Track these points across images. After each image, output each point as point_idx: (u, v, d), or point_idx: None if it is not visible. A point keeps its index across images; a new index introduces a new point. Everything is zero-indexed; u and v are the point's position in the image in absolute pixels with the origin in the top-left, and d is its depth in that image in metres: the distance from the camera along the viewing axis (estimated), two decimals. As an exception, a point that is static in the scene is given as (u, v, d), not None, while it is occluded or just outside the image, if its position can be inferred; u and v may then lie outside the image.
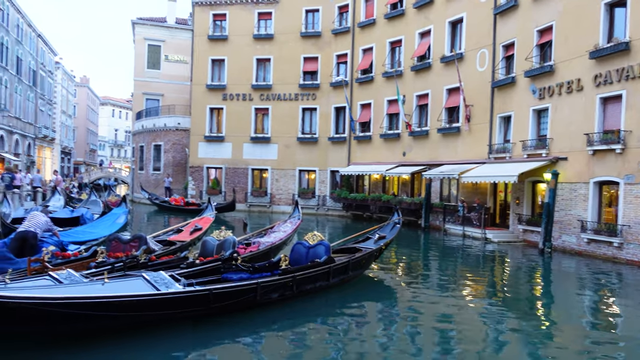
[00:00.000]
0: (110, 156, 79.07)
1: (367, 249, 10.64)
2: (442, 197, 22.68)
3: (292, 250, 9.48)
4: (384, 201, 24.43)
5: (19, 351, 5.86)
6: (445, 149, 22.30)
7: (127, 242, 9.34)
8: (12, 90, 32.18)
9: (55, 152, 47.95)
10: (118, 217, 13.24)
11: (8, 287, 5.71)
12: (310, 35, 29.13)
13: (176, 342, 6.52)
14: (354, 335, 7.29)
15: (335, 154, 28.75)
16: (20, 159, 34.03)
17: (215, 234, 9.81)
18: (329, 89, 28.82)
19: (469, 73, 20.97)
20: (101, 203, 18.25)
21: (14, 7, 32.31)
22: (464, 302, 9.59)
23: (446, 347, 6.89)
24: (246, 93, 30.01)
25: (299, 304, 8.35)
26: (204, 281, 7.67)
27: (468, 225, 19.61)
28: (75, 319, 5.81)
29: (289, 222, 12.70)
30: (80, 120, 63.35)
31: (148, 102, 37.29)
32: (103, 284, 6.24)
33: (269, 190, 29.89)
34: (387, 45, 25.77)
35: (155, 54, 37.38)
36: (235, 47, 30.08)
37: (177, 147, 33.15)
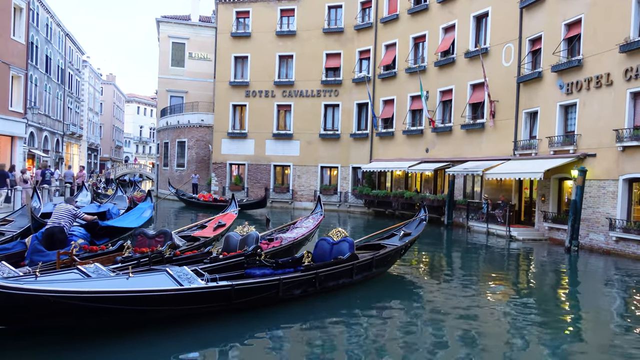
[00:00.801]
0: (136, 152, 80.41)
1: (391, 245, 10.54)
2: (466, 194, 22.42)
3: (316, 247, 9.48)
4: (407, 198, 24.28)
5: (49, 344, 6.00)
6: (469, 145, 22.02)
7: (152, 237, 9.49)
8: (42, 88, 32.97)
9: (82, 148, 48.99)
10: (144, 211, 13.46)
11: (38, 281, 5.86)
12: (333, 31, 29.07)
13: (199, 337, 6.58)
14: (377, 333, 7.27)
15: (358, 151, 28.67)
16: (49, 155, 34.89)
17: (239, 229, 9.89)
18: (351, 85, 28.73)
19: (494, 68, 20.64)
20: (127, 198, 18.57)
21: (44, 7, 33.05)
22: (488, 300, 9.48)
23: (470, 346, 6.81)
24: (269, 90, 30.15)
25: (322, 300, 8.34)
26: (227, 276, 7.74)
27: (492, 223, 19.35)
28: (100, 313, 5.93)
29: (311, 218, 12.70)
30: (107, 117, 64.53)
31: (172, 99, 37.78)
32: (128, 279, 6.34)
33: (290, 187, 30.00)
34: (411, 41, 25.55)
35: (180, 51, 37.83)
36: (258, 44, 30.22)
37: (201, 143, 33.52)
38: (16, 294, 5.26)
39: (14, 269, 6.83)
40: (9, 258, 8.29)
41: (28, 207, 11.22)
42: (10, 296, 5.22)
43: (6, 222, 12.33)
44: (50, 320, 5.85)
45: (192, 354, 6.16)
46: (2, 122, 22.22)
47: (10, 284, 5.37)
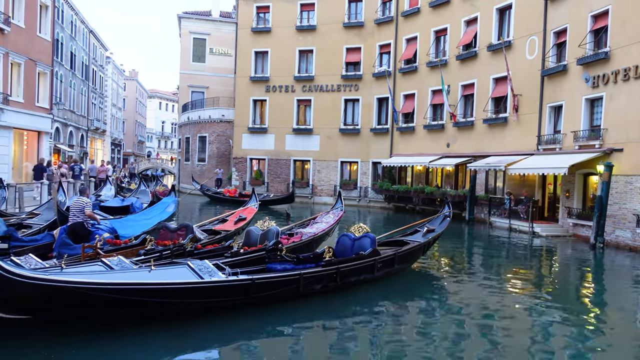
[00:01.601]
0: (158, 147, 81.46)
1: (414, 242, 10.43)
2: (488, 190, 22.14)
3: (338, 242, 9.46)
4: (427, 193, 24.09)
5: (74, 335, 6.13)
6: (492, 140, 21.71)
7: (174, 230, 9.60)
8: (67, 84, 33.62)
9: (106, 143, 49.85)
10: (168, 205, 13.65)
11: (63, 272, 6.00)
12: (353, 25, 28.92)
13: (219, 330, 6.64)
14: (398, 329, 7.24)
15: (378, 145, 28.53)
16: (74, 150, 35.60)
17: (259, 224, 9.94)
18: (371, 80, 28.58)
19: (518, 61, 20.28)
20: (149, 193, 18.83)
21: (68, 5, 33.64)
22: (510, 298, 9.36)
23: (492, 344, 6.74)
24: (289, 85, 30.18)
25: (342, 296, 8.32)
26: (248, 270, 7.79)
27: (515, 219, 19.08)
28: (122, 304, 6.03)
29: (331, 213, 12.69)
30: (129, 112, 65.48)
31: (193, 94, 38.14)
32: (150, 271, 6.43)
33: (310, 182, 30.04)
34: (432, 34, 25.26)
35: (201, 47, 38.12)
36: (278, 39, 30.26)
37: (222, 138, 33.79)
38: (41, 285, 5.39)
39: (41, 260, 6.99)
40: (38, 249, 8.51)
41: (54, 201, 11.47)
42: (36, 286, 5.36)
43: (33, 215, 12.64)
44: (74, 311, 5.98)
45: (213, 346, 6.22)
46: (30, 117, 22.73)
47: (36, 274, 5.51)
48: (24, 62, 22.07)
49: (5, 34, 20.34)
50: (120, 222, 11.10)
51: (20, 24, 21.76)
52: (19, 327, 6.00)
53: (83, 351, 5.68)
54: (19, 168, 23.12)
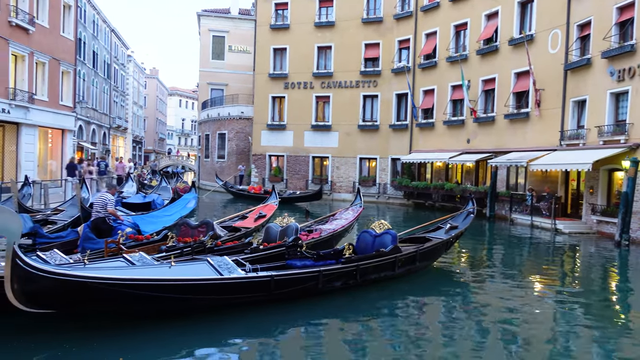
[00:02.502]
0: (178, 145, 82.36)
1: (437, 239, 10.31)
2: (509, 186, 21.85)
3: (358, 239, 9.42)
4: (447, 190, 23.90)
5: (96, 329, 6.25)
6: (513, 135, 21.40)
7: (195, 227, 9.71)
8: (89, 83, 34.19)
9: (127, 141, 50.58)
10: (188, 201, 13.81)
11: (86, 267, 6.11)
12: (372, 21, 28.76)
13: (238, 326, 6.67)
14: (418, 327, 7.19)
15: (397, 142, 28.37)
16: (97, 147, 36.22)
17: (278, 220, 9.97)
18: (390, 76, 28.40)
19: (540, 55, 19.93)
20: (170, 189, 19.06)
21: (90, 4, 34.17)
22: (533, 297, 9.23)
23: (514, 343, 6.66)
24: (307, 81, 30.18)
25: (362, 293, 8.29)
26: (268, 267, 7.83)
27: (537, 215, 18.79)
28: (142, 300, 6.11)
29: (350, 210, 12.67)
30: (150, 110, 66.31)
31: (213, 92, 38.42)
32: (170, 267, 6.50)
33: (329, 178, 30.03)
34: (452, 29, 24.98)
35: (220, 44, 38.35)
36: (296, 36, 30.27)
37: (241, 135, 33.98)
38: (64, 280, 5.50)
39: (65, 256, 7.14)
40: (63, 245, 8.70)
41: (78, 198, 11.69)
42: (59, 282, 5.47)
43: (58, 212, 12.90)
44: (96, 305, 6.09)
45: (231, 343, 6.24)
46: (54, 115, 23.18)
47: (59, 270, 5.63)
48: (48, 61, 22.50)
49: (30, 34, 20.76)
50: (142, 218, 11.28)
51: (45, 24, 22.18)
52: (43, 320, 6.14)
53: (104, 345, 5.78)
54: (43, 165, 23.62)
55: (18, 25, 19.79)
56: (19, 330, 6.08)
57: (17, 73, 20.65)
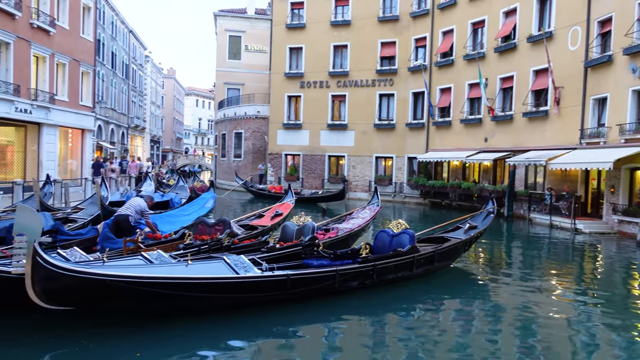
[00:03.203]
0: (195, 144, 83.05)
1: (455, 239, 10.18)
2: (527, 185, 21.58)
3: (376, 238, 9.35)
4: (464, 189, 23.70)
5: (114, 326, 6.32)
6: (531, 134, 21.12)
7: (212, 225, 9.76)
8: (108, 83, 34.67)
9: (145, 140, 51.18)
10: (207, 201, 13.88)
11: (105, 265, 6.19)
12: (388, 19, 28.64)
13: (254, 325, 6.65)
14: (436, 328, 7.11)
15: (413, 140, 28.22)
16: (115, 147, 36.71)
17: (295, 219, 9.98)
18: (406, 74, 28.26)
19: (559, 53, 19.63)
20: (188, 188, 19.20)
21: (109, 6, 34.64)
22: (552, 298, 9.08)
23: (533, 345, 6.57)
24: (323, 80, 30.18)
25: (379, 293, 8.23)
26: (284, 266, 7.83)
27: (556, 215, 18.52)
28: (159, 298, 6.15)
29: (367, 209, 12.61)
30: (168, 110, 66.99)
31: (229, 91, 38.65)
32: (187, 265, 6.54)
33: (345, 177, 29.99)
34: (469, 27, 24.75)
35: (236, 44, 38.56)
36: (312, 35, 30.29)
37: (257, 134, 34.12)
38: (82, 277, 5.59)
39: (85, 254, 7.24)
40: (83, 243, 8.84)
41: (98, 196, 11.86)
42: (77, 279, 5.56)
43: (78, 210, 13.10)
44: (114, 303, 6.15)
45: (247, 341, 6.24)
46: (74, 115, 23.55)
47: (78, 267, 5.71)
48: (68, 62, 22.87)
49: (51, 35, 21.11)
50: (161, 217, 11.39)
51: (65, 25, 22.54)
52: (62, 317, 6.26)
53: (121, 341, 5.85)
54: (64, 164, 24.02)
55: (39, 27, 20.15)
56: (39, 326, 6.19)
57: (39, 74, 21.03)
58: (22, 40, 19.30)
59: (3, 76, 18.58)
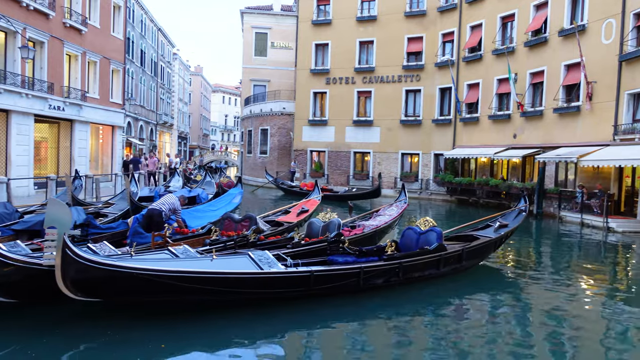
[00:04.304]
0: (221, 140, 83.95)
1: (485, 237, 9.99)
2: (558, 182, 21.09)
3: (403, 236, 9.26)
4: (492, 186, 23.31)
5: (139, 319, 6.44)
6: (562, 130, 20.62)
7: (238, 221, 9.85)
8: (137, 81, 35.30)
9: (173, 137, 51.98)
10: (234, 197, 13.99)
11: (132, 259, 6.31)
12: (415, 14, 28.34)
13: (276, 321, 6.68)
14: (462, 328, 6.99)
15: (440, 137, 27.90)
16: (144, 143, 37.39)
17: (321, 215, 9.96)
18: (433, 70, 27.93)
19: (592, 46, 19.08)
20: (214, 184, 19.44)
21: (138, 4, 35.23)
22: (584, 298, 8.86)
23: (563, 347, 6.43)
24: (349, 76, 30.08)
25: (405, 291, 8.15)
26: (310, 262, 7.84)
27: (587, 213, 18.06)
28: (183, 291, 6.23)
29: (394, 206, 12.49)
30: (195, 107, 67.83)
31: (255, 88, 38.90)
32: (211, 260, 6.59)
33: (370, 174, 29.88)
34: (498, 21, 24.28)
35: (262, 41, 38.76)
36: (338, 31, 30.20)
37: (283, 131, 34.26)
38: (109, 270, 5.72)
39: (114, 247, 7.41)
40: (114, 236, 9.06)
41: (127, 192, 12.10)
42: (104, 271, 5.69)
43: (109, 205, 13.41)
44: (138, 296, 6.25)
45: (268, 337, 6.25)
46: (105, 112, 24.09)
47: (104, 260, 5.85)
48: (99, 60, 23.38)
49: (83, 34, 21.62)
50: (189, 212, 11.54)
51: (96, 24, 23.05)
52: (89, 309, 6.43)
53: (147, 333, 5.96)
54: (95, 160, 24.61)
55: (72, 26, 20.65)
56: (68, 317, 6.36)
57: (71, 72, 21.58)
58: (56, 40, 19.81)
59: (38, 74, 19.12)
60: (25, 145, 18.39)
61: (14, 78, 17.42)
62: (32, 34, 18.28)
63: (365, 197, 24.78)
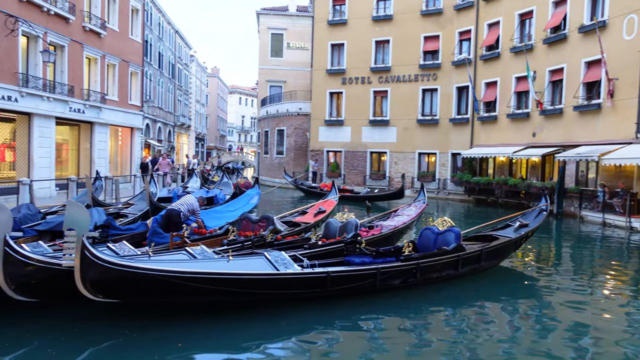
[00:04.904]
0: (238, 141, 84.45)
1: (505, 237, 9.85)
2: (578, 181, 20.73)
3: (420, 236, 9.18)
4: (510, 185, 23.03)
5: (155, 319, 6.49)
6: (583, 128, 20.27)
7: (256, 222, 9.89)
8: (156, 83, 35.71)
9: (190, 138, 52.46)
10: (252, 197, 14.04)
11: (150, 260, 6.36)
12: (431, 12, 28.15)
13: (292, 322, 6.67)
14: (480, 331, 6.90)
15: (457, 136, 27.66)
16: (162, 145, 37.80)
17: (338, 216, 9.93)
18: (450, 68, 27.71)
19: (613, 43, 18.72)
20: (232, 185, 19.56)
21: (156, 7, 35.63)
22: (606, 300, 8.67)
23: (585, 349, 6.31)
24: (365, 76, 30.01)
25: (422, 292, 8.08)
26: (326, 263, 7.81)
27: (609, 213, 17.72)
28: (199, 292, 6.25)
29: (413, 206, 12.39)
30: (212, 108, 68.36)
31: (272, 89, 39.05)
32: (228, 261, 6.61)
33: (387, 174, 29.77)
34: (516, 18, 23.98)
35: (278, 42, 38.89)
36: (354, 31, 30.15)
37: (299, 131, 34.33)
38: (125, 270, 5.77)
39: (133, 248, 7.49)
40: (134, 237, 9.17)
41: (147, 193, 12.25)
42: (121, 272, 5.75)
43: (128, 206, 13.58)
44: (157, 296, 6.29)
45: (284, 338, 6.25)
46: (124, 114, 24.42)
47: (121, 261, 5.90)
48: (118, 63, 23.70)
49: (102, 37, 21.94)
50: (207, 213, 11.62)
51: (115, 27, 23.37)
52: (107, 309, 6.52)
53: (164, 333, 6.00)
54: (114, 162, 24.96)
55: (91, 30, 20.98)
56: (87, 317, 6.44)
57: (91, 75, 21.92)
58: (76, 43, 20.14)
59: (58, 78, 19.47)
60: (47, 148, 18.73)
61: (35, 81, 17.75)
62: (52, 38, 18.61)
63: (388, 198, 24.20)
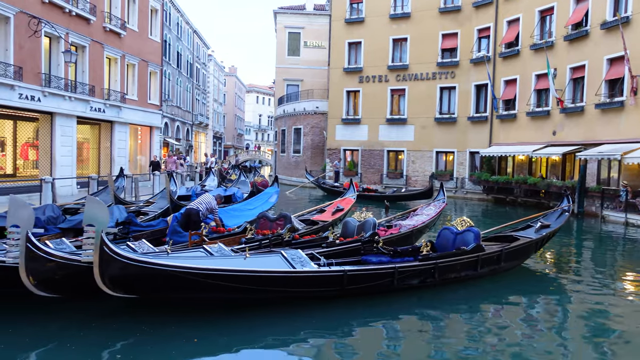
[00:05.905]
0: (255, 140, 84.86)
1: (525, 238, 9.73)
2: (600, 180, 20.36)
3: (439, 236, 9.11)
4: (530, 184, 22.72)
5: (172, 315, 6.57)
6: (605, 126, 19.91)
7: (273, 220, 9.93)
8: (174, 82, 36.07)
9: (208, 137, 52.88)
10: (270, 196, 14.08)
11: (168, 257, 6.43)
12: (449, 10, 27.91)
13: (311, 320, 6.68)
14: (499, 331, 6.82)
15: (475, 135, 27.39)
16: (180, 143, 38.19)
17: (356, 215, 9.91)
18: (468, 66, 27.44)
19: (637, 39, 18.34)
20: (249, 183, 19.67)
21: (174, 7, 35.98)
22: (628, 302, 8.53)
23: (605, 352, 6.21)
24: (382, 74, 29.89)
25: (441, 292, 8.02)
26: (344, 262, 7.81)
27: (632, 212, 17.38)
28: (215, 289, 6.28)
29: (432, 205, 12.29)
30: (229, 107, 68.79)
31: (288, 87, 39.14)
32: (245, 259, 6.64)
33: (404, 172, 29.63)
34: (536, 15, 23.63)
35: (295, 41, 38.96)
36: (371, 29, 30.04)
37: (316, 130, 34.36)
38: (143, 266, 5.85)
39: (152, 245, 7.60)
40: (154, 234, 9.33)
41: (167, 191, 12.40)
42: (139, 268, 5.83)
43: (149, 204, 13.76)
44: (174, 292, 6.35)
45: (300, 336, 6.25)
46: (143, 113, 24.73)
47: (139, 257, 5.97)
48: (137, 62, 24.01)
49: (122, 37, 22.24)
50: (226, 211, 11.71)
51: (134, 27, 23.67)
52: (125, 305, 6.60)
53: (181, 328, 6.07)
54: (134, 161, 25.29)
55: (112, 30, 21.29)
56: (105, 312, 6.56)
57: (111, 75, 22.24)
58: (96, 43, 20.46)
59: (80, 77, 19.80)
60: (69, 146, 19.07)
61: (57, 81, 18.08)
62: (74, 38, 18.93)
63: (416, 198, 23.18)
